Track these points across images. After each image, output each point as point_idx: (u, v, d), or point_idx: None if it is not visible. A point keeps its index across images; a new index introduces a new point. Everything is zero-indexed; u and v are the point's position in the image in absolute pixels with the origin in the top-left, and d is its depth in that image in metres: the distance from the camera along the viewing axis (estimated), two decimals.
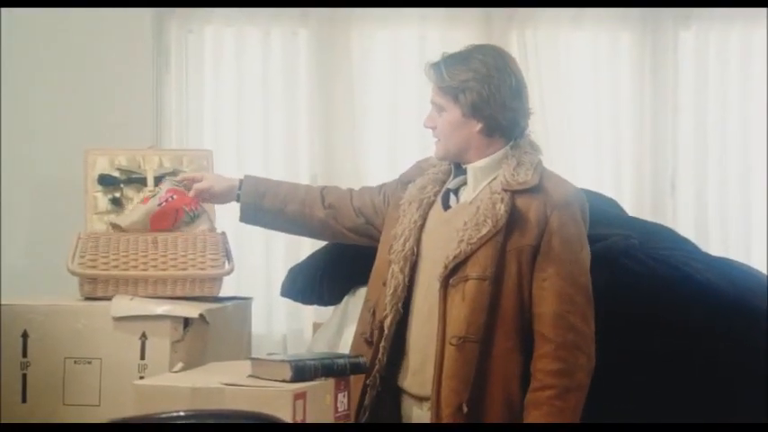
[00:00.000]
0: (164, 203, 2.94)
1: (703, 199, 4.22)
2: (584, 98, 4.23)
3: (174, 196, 2.95)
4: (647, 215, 4.06)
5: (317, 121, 4.18)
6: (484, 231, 2.53)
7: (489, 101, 2.58)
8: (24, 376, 2.81)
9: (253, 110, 4.21)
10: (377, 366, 2.63)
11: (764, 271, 3.29)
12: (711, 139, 4.24)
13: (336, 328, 3.23)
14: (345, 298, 3.24)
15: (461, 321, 2.53)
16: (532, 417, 2.53)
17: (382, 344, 2.63)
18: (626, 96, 4.25)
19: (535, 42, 4.19)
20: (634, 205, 4.13)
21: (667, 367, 2.89)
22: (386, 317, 2.62)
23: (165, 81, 4.21)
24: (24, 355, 2.82)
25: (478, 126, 2.61)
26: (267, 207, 2.88)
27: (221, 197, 2.95)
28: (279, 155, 4.19)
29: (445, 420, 2.52)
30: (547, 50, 4.17)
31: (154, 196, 2.98)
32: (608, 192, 3.86)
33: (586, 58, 4.25)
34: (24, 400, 2.81)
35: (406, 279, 2.62)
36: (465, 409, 2.51)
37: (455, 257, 2.54)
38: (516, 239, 2.56)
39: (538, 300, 2.56)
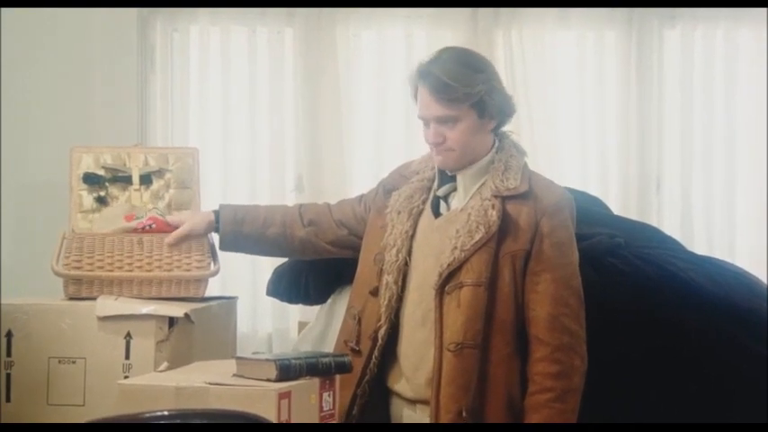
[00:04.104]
0: (139, 230, 2.94)
1: (688, 198, 4.24)
2: (570, 97, 4.24)
3: (153, 225, 2.95)
4: (632, 214, 4.07)
5: (303, 120, 4.18)
6: (477, 238, 2.54)
7: (502, 94, 2.60)
8: (8, 376, 2.81)
9: (238, 109, 4.20)
10: (368, 376, 2.64)
11: (748, 269, 3.30)
12: (696, 137, 4.25)
13: (322, 327, 3.23)
14: (331, 297, 3.24)
15: (458, 328, 2.54)
16: (533, 420, 2.55)
17: (375, 353, 2.64)
18: (611, 95, 4.26)
19: (521, 41, 4.19)
20: (619, 204, 4.15)
21: (653, 365, 2.90)
22: (380, 327, 2.63)
23: (151, 80, 4.20)
24: (9, 354, 2.81)
25: (492, 124, 2.62)
26: (247, 233, 2.87)
27: (203, 235, 2.93)
28: (264, 154, 4.19)
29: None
30: (533, 49, 4.18)
31: (137, 218, 2.97)
32: (593, 190, 3.87)
33: (572, 57, 4.26)
34: (9, 400, 2.81)
35: (399, 289, 2.63)
36: (464, 414, 2.52)
37: (449, 265, 2.55)
38: (509, 244, 2.57)
39: (531, 303, 2.58)
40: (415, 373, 2.61)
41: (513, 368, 2.58)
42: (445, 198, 2.67)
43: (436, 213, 2.66)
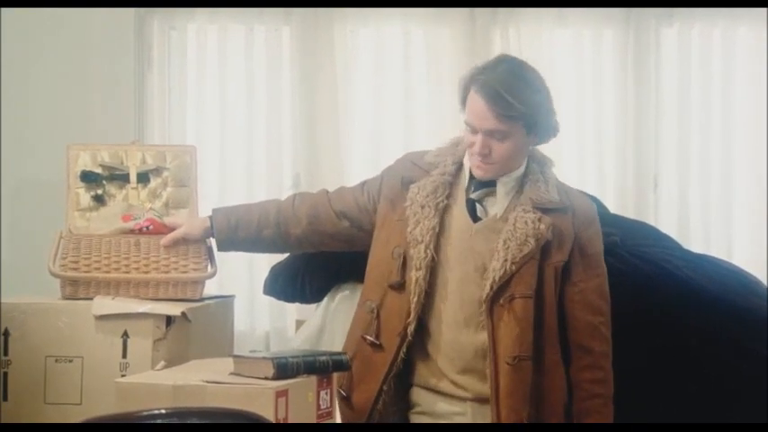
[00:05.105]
0: (136, 231, 2.93)
1: (685, 196, 4.24)
2: (567, 95, 4.23)
3: (151, 227, 2.94)
4: (629, 212, 4.08)
5: (301, 118, 4.18)
6: (526, 251, 2.56)
7: (552, 114, 2.62)
8: (5, 375, 2.80)
9: (236, 107, 4.20)
10: (393, 371, 2.64)
11: (746, 267, 3.30)
12: (694, 135, 4.25)
13: (319, 325, 3.22)
14: (328, 295, 3.23)
15: (513, 340, 2.56)
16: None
17: (404, 349, 2.63)
18: (609, 93, 4.26)
19: (518, 39, 4.19)
20: (617, 202, 4.15)
21: (651, 364, 2.90)
22: (409, 324, 2.62)
23: (148, 78, 4.20)
24: (5, 353, 2.80)
25: (536, 140, 2.64)
26: (242, 237, 2.86)
27: (199, 241, 2.93)
28: (261, 152, 4.19)
29: None
30: (530, 47, 4.17)
31: (135, 219, 2.96)
32: (591, 188, 3.85)
33: (569, 55, 4.26)
34: (5, 399, 2.80)
35: (426, 285, 2.62)
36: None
37: (501, 278, 2.56)
38: (552, 255, 2.60)
39: (571, 311, 2.62)
40: (465, 374, 2.62)
41: (562, 374, 2.63)
42: (479, 201, 2.67)
43: (473, 216, 2.65)
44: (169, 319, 2.78)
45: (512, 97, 2.51)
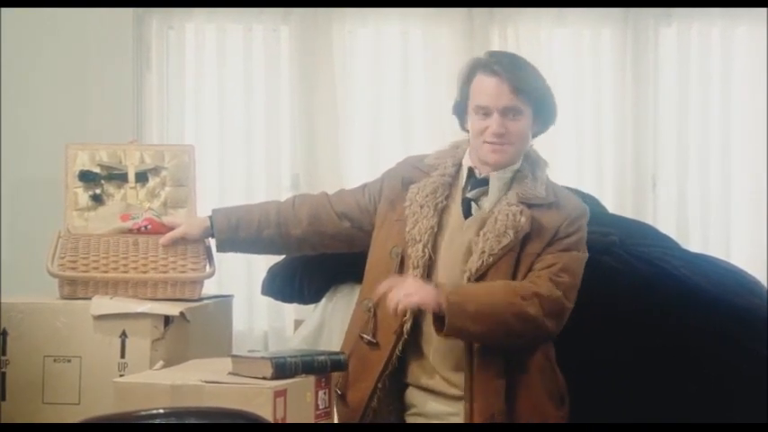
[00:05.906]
0: (135, 231, 2.93)
1: (684, 195, 4.24)
2: (566, 94, 4.23)
3: (149, 226, 2.94)
4: (628, 212, 4.08)
5: (299, 118, 4.18)
6: (504, 242, 2.57)
7: (552, 95, 2.66)
8: (3, 374, 2.80)
9: (234, 106, 4.20)
10: (389, 369, 2.64)
11: (745, 267, 3.30)
12: (692, 135, 4.25)
13: (317, 325, 3.22)
14: (326, 296, 3.23)
15: None
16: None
17: (399, 347, 2.63)
18: (607, 93, 4.26)
19: (517, 39, 4.20)
20: (615, 201, 4.15)
21: (649, 364, 2.90)
22: (405, 321, 2.62)
23: (147, 77, 4.20)
24: (3, 353, 2.80)
25: (535, 128, 2.66)
26: (243, 237, 2.85)
27: (198, 240, 2.93)
28: (260, 152, 4.19)
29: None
30: (528, 46, 4.18)
31: (133, 219, 2.96)
32: (589, 188, 3.86)
33: (568, 55, 4.27)
34: (3, 399, 2.80)
35: None
36: (497, 419, 2.54)
37: (477, 270, 2.56)
38: (530, 247, 2.60)
39: (529, 279, 2.59)
40: (458, 372, 2.62)
41: (537, 367, 2.61)
42: (475, 200, 2.68)
43: (467, 214, 2.66)
44: (167, 319, 2.78)
45: (524, 72, 2.59)
